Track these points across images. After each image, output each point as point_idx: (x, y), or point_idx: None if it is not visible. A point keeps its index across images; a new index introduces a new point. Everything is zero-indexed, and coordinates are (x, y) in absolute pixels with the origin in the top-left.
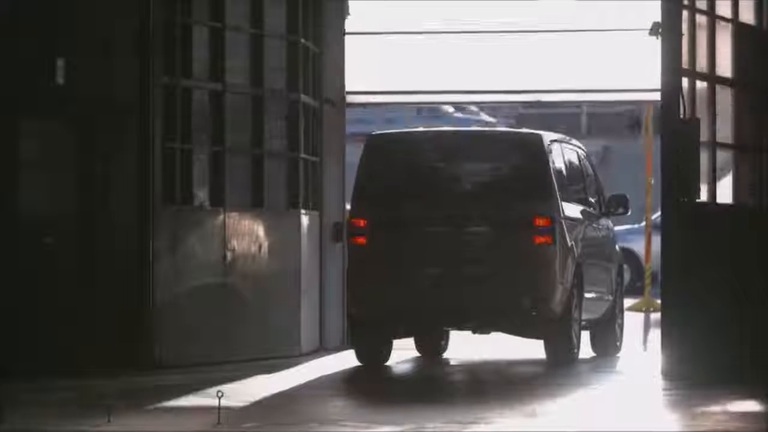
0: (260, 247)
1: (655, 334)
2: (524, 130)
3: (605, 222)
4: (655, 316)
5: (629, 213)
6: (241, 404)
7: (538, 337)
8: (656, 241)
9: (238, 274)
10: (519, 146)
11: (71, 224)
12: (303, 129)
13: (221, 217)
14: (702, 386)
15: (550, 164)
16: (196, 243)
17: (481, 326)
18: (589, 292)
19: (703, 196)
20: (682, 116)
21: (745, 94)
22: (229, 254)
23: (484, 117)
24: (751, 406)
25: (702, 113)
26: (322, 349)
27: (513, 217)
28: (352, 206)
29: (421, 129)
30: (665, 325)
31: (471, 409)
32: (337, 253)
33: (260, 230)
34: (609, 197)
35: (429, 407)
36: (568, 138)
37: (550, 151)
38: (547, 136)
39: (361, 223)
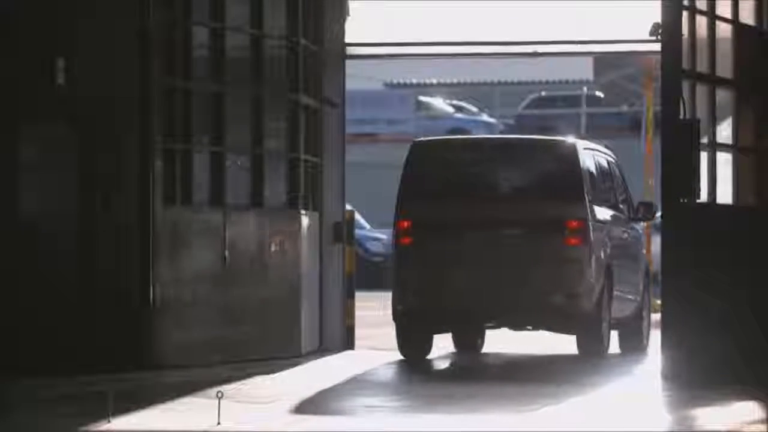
0: (260, 247)
1: (655, 335)
2: (559, 138)
3: (633, 226)
4: (655, 316)
5: (656, 219)
6: (242, 404)
7: (570, 333)
8: (656, 241)
9: (238, 274)
10: (553, 153)
11: (71, 224)
12: (303, 129)
13: (221, 217)
14: (701, 386)
15: (582, 170)
16: (196, 243)
17: (517, 322)
18: (618, 291)
19: (703, 196)
20: (682, 117)
21: (746, 95)
22: (228, 254)
23: (485, 117)
24: (751, 406)
25: (702, 114)
26: (322, 349)
27: (547, 220)
28: (397, 209)
29: (461, 136)
30: (665, 326)
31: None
32: (336, 254)
33: (260, 230)
34: (637, 203)
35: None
36: (599, 146)
37: (583, 158)
38: (581, 143)
39: (406, 224)
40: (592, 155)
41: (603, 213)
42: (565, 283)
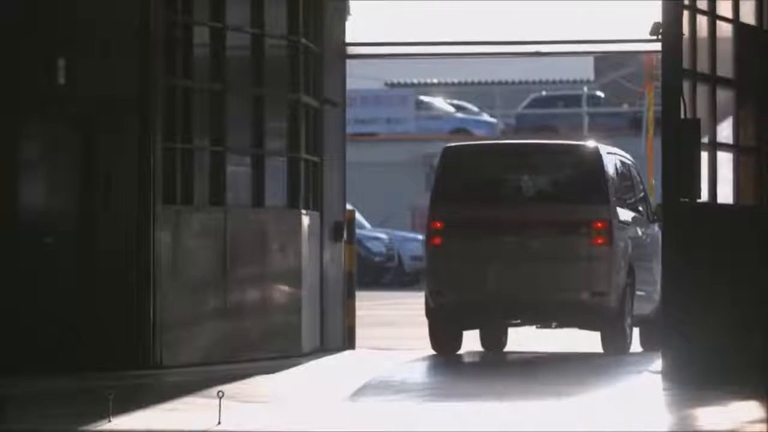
0: (261, 246)
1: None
2: (583, 142)
3: (652, 227)
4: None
5: None
6: (242, 404)
7: (595, 330)
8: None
9: (239, 273)
10: (579, 157)
11: (72, 224)
12: (304, 128)
13: (222, 216)
14: (702, 386)
15: (606, 173)
16: (197, 243)
17: (545, 319)
18: (640, 290)
19: (704, 196)
20: (682, 116)
21: (747, 95)
22: (229, 254)
23: (485, 117)
24: (752, 406)
25: (702, 113)
26: (322, 349)
27: (573, 220)
28: (430, 210)
29: (491, 141)
30: (665, 326)
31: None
32: (337, 253)
33: (261, 230)
34: (656, 205)
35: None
36: (620, 151)
37: (606, 162)
38: (604, 148)
39: (438, 225)
40: (613, 159)
41: (625, 214)
42: (591, 281)
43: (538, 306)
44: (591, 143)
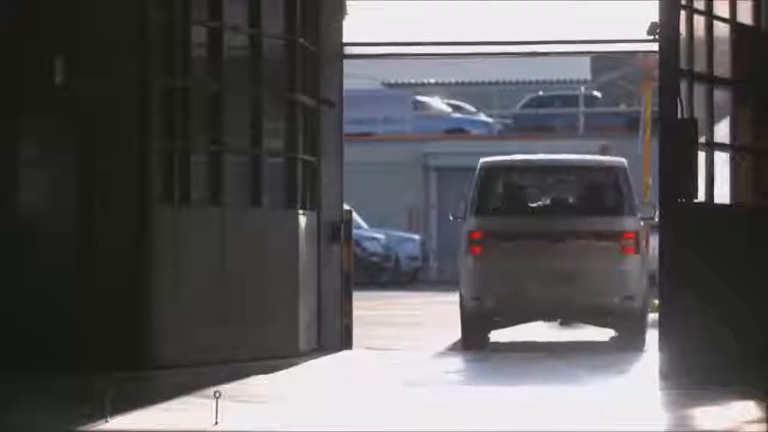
0: (258, 246)
1: (653, 335)
2: (609, 158)
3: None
4: (653, 316)
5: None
6: (239, 404)
7: (620, 329)
8: (654, 241)
9: (236, 273)
10: (607, 171)
11: (70, 223)
12: (301, 129)
13: (219, 216)
14: (699, 386)
15: (632, 187)
16: (195, 242)
17: (575, 319)
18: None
19: (701, 196)
20: (679, 116)
21: (744, 95)
22: (226, 253)
23: (482, 117)
24: (749, 406)
25: (700, 113)
26: (320, 349)
27: (604, 231)
28: (470, 221)
29: (525, 156)
30: (663, 326)
31: None
32: (334, 253)
33: (258, 230)
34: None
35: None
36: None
37: (629, 176)
38: (626, 162)
39: (478, 234)
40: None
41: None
42: (622, 285)
43: (572, 309)
44: (617, 159)
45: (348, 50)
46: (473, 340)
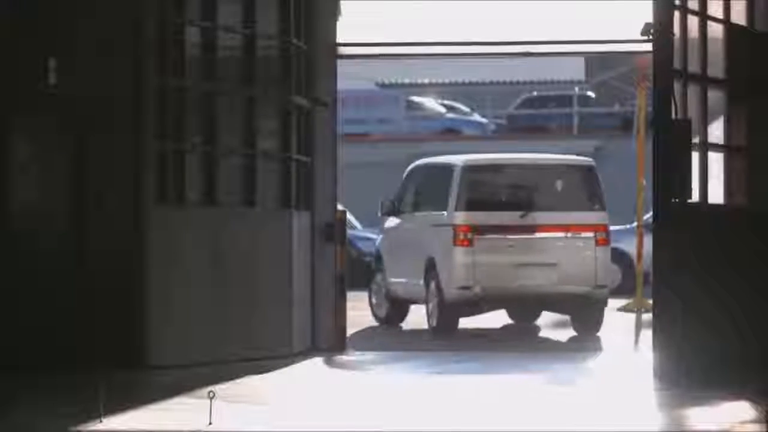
0: (252, 246)
1: (647, 335)
2: (582, 158)
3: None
4: (647, 316)
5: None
6: (233, 404)
7: (582, 314)
8: (648, 241)
9: (231, 273)
10: (579, 170)
11: (66, 223)
12: (295, 129)
13: (214, 216)
14: (693, 386)
15: (602, 185)
16: (189, 242)
17: (553, 305)
18: None
19: (695, 196)
20: (673, 117)
21: (738, 96)
22: (221, 253)
23: (476, 117)
24: (743, 406)
25: (693, 114)
26: (314, 349)
27: (580, 224)
28: (457, 216)
29: (504, 156)
30: (657, 325)
31: None
32: (328, 253)
33: (252, 230)
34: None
35: None
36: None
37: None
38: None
39: (465, 229)
40: None
41: None
42: (597, 275)
43: (550, 295)
44: (587, 159)
45: (342, 50)
46: (449, 327)
